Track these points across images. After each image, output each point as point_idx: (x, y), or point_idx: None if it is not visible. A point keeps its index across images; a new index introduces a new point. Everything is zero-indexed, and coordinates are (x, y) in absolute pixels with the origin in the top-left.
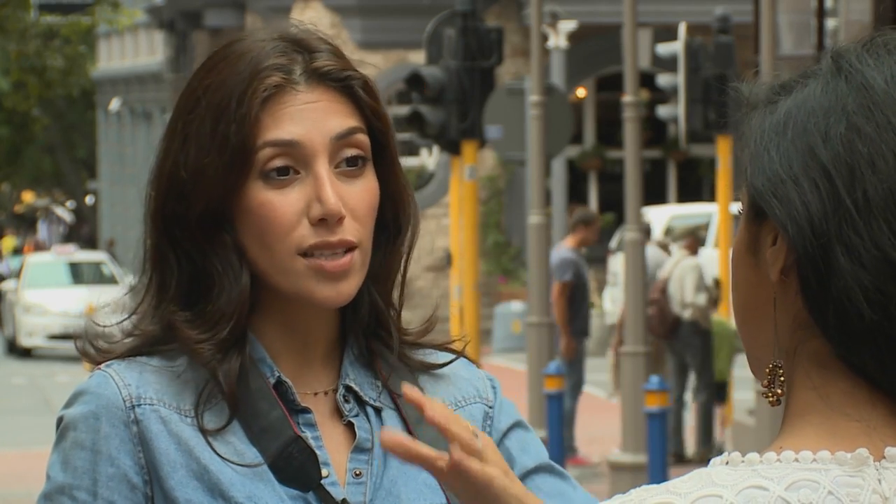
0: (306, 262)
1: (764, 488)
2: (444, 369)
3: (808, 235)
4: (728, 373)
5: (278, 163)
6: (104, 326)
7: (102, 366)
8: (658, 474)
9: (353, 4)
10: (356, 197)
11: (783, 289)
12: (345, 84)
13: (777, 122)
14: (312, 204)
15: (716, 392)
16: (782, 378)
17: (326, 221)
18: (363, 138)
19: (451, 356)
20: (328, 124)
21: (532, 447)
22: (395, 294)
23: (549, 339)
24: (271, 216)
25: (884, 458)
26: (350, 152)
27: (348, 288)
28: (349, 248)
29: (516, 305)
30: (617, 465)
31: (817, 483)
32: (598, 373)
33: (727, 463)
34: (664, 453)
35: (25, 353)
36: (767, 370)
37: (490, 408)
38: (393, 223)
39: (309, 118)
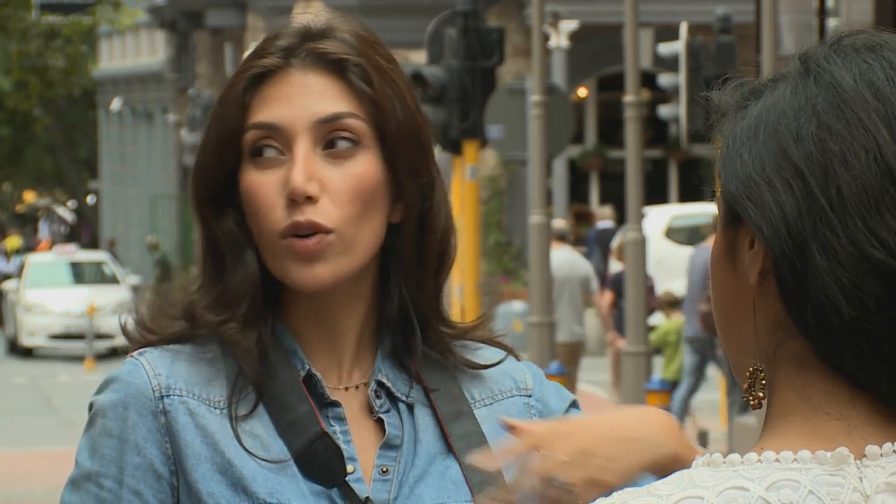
0: (283, 244)
1: (745, 489)
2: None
3: (784, 236)
4: (680, 373)
5: (262, 144)
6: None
7: (135, 353)
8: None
9: (354, 4)
10: (337, 179)
11: (762, 291)
12: (339, 67)
13: (748, 126)
14: (287, 185)
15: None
16: (763, 381)
17: (296, 202)
18: (354, 123)
19: (497, 356)
20: (314, 108)
21: None
22: (434, 285)
23: (549, 338)
24: (255, 196)
25: (865, 456)
26: (337, 135)
27: (324, 272)
28: (320, 230)
29: (517, 305)
30: None
31: (798, 483)
32: (598, 373)
33: (709, 464)
34: None
35: (27, 353)
36: (748, 373)
37: (530, 397)
38: (422, 212)
39: (295, 101)
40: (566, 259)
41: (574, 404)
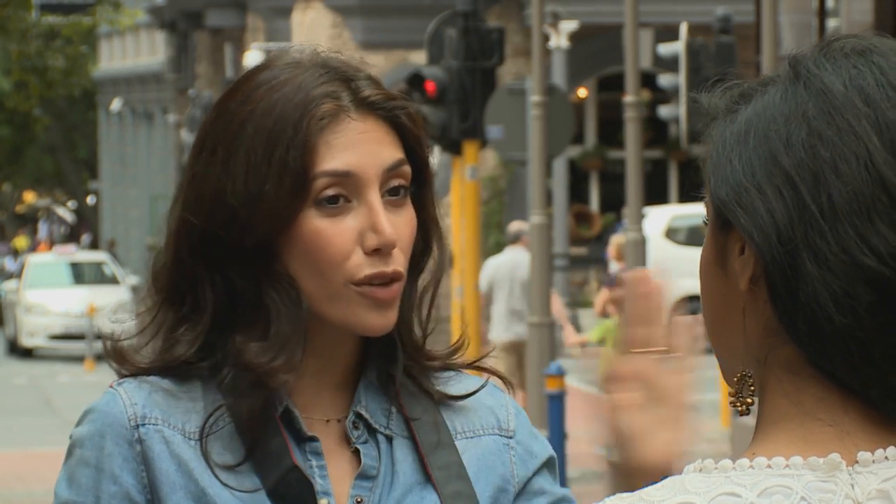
0: (358, 290)
1: (737, 495)
2: (472, 398)
3: (775, 243)
4: None
5: (331, 192)
6: (129, 339)
7: (114, 384)
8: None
9: (355, 5)
10: (402, 227)
11: (752, 297)
12: (391, 114)
13: (738, 131)
14: (367, 234)
15: None
16: (752, 387)
17: (381, 251)
18: (408, 169)
19: (475, 385)
20: (380, 155)
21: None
22: (418, 322)
23: (549, 338)
24: (325, 245)
25: (857, 462)
26: (396, 182)
27: (394, 316)
28: (400, 279)
29: None
30: None
31: (790, 489)
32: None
33: (700, 470)
34: None
35: (26, 354)
36: (736, 379)
37: (511, 438)
38: (423, 252)
39: (362, 148)
40: (508, 260)
41: (549, 463)
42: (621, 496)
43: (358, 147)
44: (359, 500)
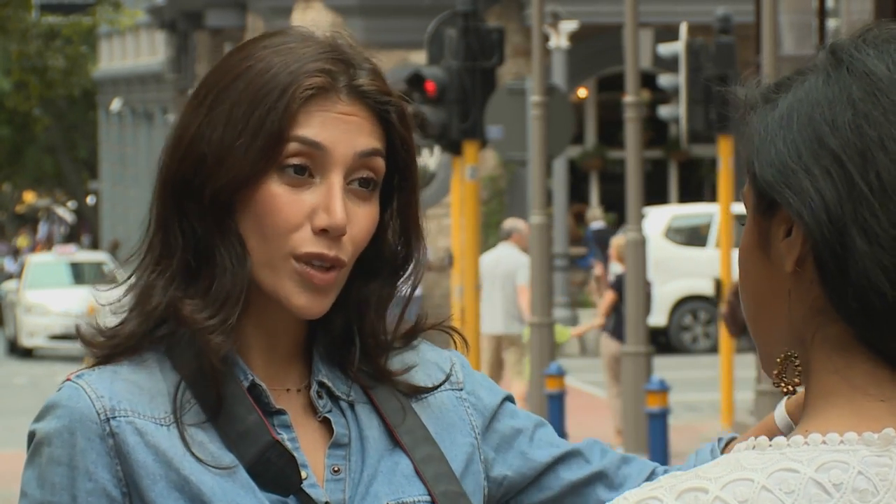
0: (296, 267)
1: (794, 471)
2: (415, 353)
3: (825, 222)
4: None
5: (297, 161)
6: (104, 324)
7: (72, 376)
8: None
9: (355, 4)
10: (360, 219)
11: (797, 279)
12: (381, 108)
13: (780, 117)
14: (319, 212)
15: None
16: (799, 367)
17: (328, 233)
18: (380, 163)
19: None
20: (356, 139)
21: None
22: (381, 325)
23: (549, 338)
24: (278, 211)
25: None
26: (365, 173)
27: (327, 303)
28: (340, 266)
29: None
30: None
31: (847, 464)
32: (598, 372)
33: (754, 447)
34: (665, 453)
35: (27, 354)
36: (779, 360)
37: (461, 390)
38: (401, 255)
39: (340, 128)
40: (495, 256)
41: (509, 398)
42: (675, 474)
43: (336, 125)
44: (335, 469)
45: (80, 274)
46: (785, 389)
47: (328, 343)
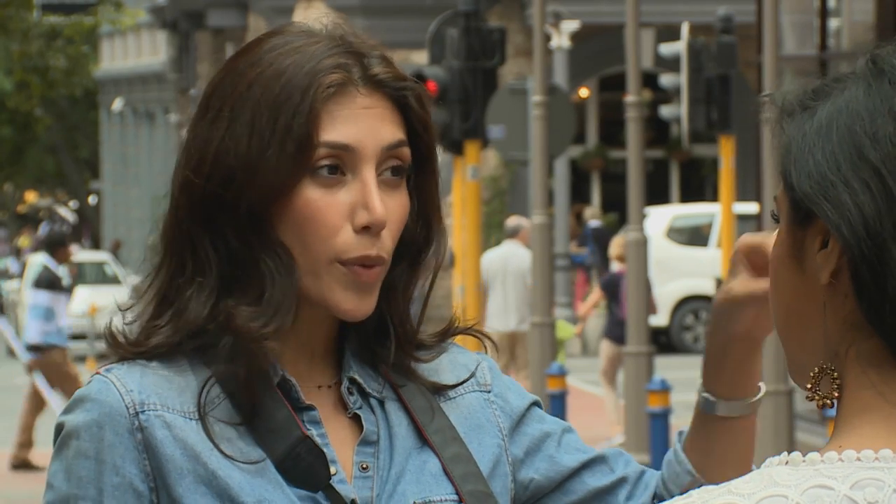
0: (344, 270)
1: (829, 487)
2: (445, 355)
3: (863, 236)
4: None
5: (329, 161)
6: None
7: (101, 370)
8: None
9: (356, 4)
10: (394, 209)
11: (832, 292)
12: (399, 94)
13: (819, 126)
14: (358, 210)
15: None
16: (837, 380)
17: (370, 230)
18: (407, 151)
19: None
20: (381, 133)
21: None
22: (408, 311)
23: (550, 338)
24: (318, 216)
25: None
26: (394, 162)
27: (373, 302)
28: (383, 263)
29: None
30: None
31: (882, 482)
32: (593, 373)
33: (787, 463)
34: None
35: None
36: (813, 373)
37: (489, 392)
38: (423, 239)
39: (364, 123)
40: (501, 253)
41: (536, 403)
42: (707, 489)
43: (360, 121)
44: (364, 466)
45: (81, 274)
46: (821, 403)
47: (360, 339)
